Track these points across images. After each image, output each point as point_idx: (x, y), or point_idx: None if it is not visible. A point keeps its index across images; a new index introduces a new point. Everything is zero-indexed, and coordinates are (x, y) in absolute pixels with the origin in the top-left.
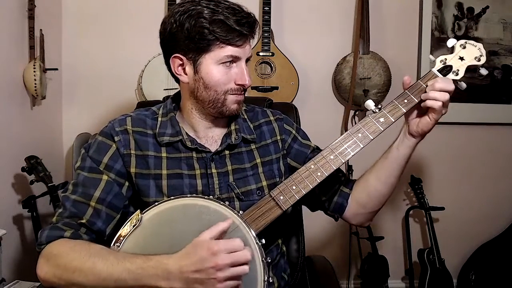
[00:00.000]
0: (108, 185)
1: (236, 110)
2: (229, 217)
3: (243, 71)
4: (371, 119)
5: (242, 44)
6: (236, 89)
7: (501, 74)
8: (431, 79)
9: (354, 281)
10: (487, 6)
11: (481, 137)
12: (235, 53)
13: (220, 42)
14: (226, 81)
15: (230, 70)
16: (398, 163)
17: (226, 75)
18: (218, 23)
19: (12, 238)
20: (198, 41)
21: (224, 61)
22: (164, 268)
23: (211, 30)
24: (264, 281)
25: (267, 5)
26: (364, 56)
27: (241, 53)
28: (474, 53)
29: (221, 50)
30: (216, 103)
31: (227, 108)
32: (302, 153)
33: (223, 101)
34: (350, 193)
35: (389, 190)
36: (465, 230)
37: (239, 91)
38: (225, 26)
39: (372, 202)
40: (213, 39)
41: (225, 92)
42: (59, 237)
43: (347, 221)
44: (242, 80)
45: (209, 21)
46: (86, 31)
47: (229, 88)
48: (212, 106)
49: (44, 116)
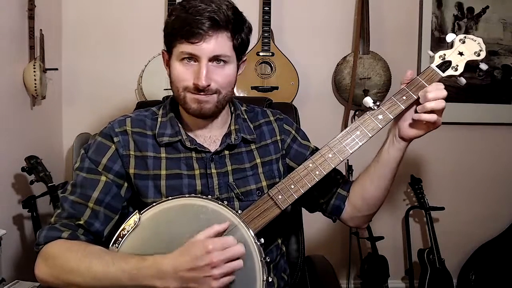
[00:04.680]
0: (107, 186)
1: (198, 110)
2: (228, 217)
3: (200, 70)
4: (369, 117)
5: (197, 41)
6: (192, 88)
7: (501, 74)
8: (430, 75)
9: (354, 281)
10: (487, 6)
11: (481, 137)
12: (190, 50)
13: (179, 37)
14: (184, 78)
15: (190, 68)
16: (389, 166)
17: (184, 72)
18: (179, 19)
19: (12, 238)
20: (167, 37)
21: (182, 57)
22: (159, 268)
23: (173, 26)
24: (263, 281)
25: (267, 5)
26: (364, 56)
27: (197, 51)
28: (473, 47)
29: (179, 46)
30: (179, 100)
31: (188, 106)
32: (301, 154)
33: (183, 98)
34: (347, 195)
35: (382, 193)
36: (465, 230)
37: (196, 91)
38: (183, 23)
39: (367, 205)
40: (174, 35)
41: (183, 89)
42: (56, 238)
43: (344, 223)
44: (196, 79)
45: (175, 18)
46: (86, 31)
47: (186, 85)
48: (179, 102)
49: (44, 116)
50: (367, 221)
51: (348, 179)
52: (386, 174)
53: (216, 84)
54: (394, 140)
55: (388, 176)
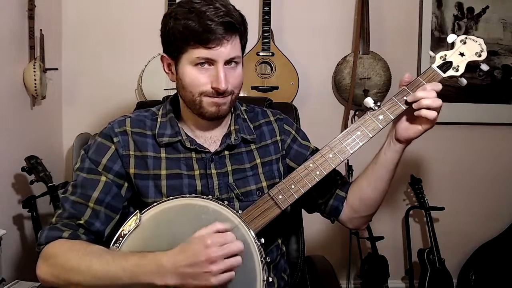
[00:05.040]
0: (107, 186)
1: (216, 113)
2: (228, 217)
3: (219, 74)
4: (370, 117)
5: (215, 46)
6: (211, 92)
7: (501, 74)
8: (431, 76)
9: (354, 281)
10: (487, 6)
11: (481, 137)
12: (207, 55)
13: (192, 43)
14: (201, 83)
15: (206, 72)
16: (386, 168)
17: (200, 76)
18: (191, 24)
19: (12, 238)
20: (175, 42)
21: (197, 62)
22: (158, 265)
23: (184, 31)
24: (263, 281)
25: (267, 5)
26: (364, 56)
27: (214, 55)
28: (474, 48)
29: (193, 51)
30: (193, 104)
31: (205, 110)
32: (301, 154)
33: (199, 102)
34: (346, 196)
35: (380, 195)
36: (465, 230)
37: (215, 95)
38: (198, 27)
39: (364, 207)
40: (186, 40)
41: (200, 94)
42: (57, 238)
43: (343, 225)
44: (216, 83)
45: (184, 22)
46: (86, 31)
47: (204, 90)
48: (192, 107)
49: (44, 116)
50: (365, 223)
51: (347, 180)
52: (383, 175)
53: (232, 85)
54: (391, 142)
55: (385, 177)
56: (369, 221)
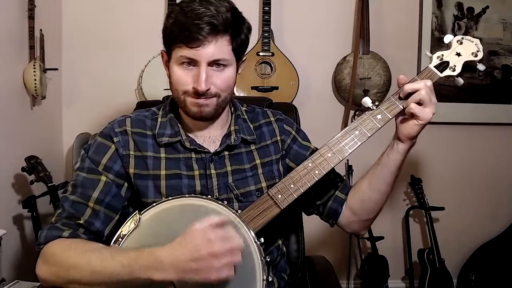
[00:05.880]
0: (107, 186)
1: (198, 113)
2: (228, 217)
3: (200, 74)
4: (368, 116)
5: (196, 46)
6: (192, 92)
7: (501, 74)
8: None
9: (354, 281)
10: (487, 6)
11: (481, 137)
12: (189, 55)
13: (178, 42)
14: (184, 83)
15: (190, 72)
16: (389, 169)
17: (184, 76)
18: (178, 23)
19: (12, 238)
20: (166, 39)
21: (181, 61)
22: (157, 260)
23: (172, 30)
24: (263, 280)
25: (267, 5)
26: (364, 56)
27: (196, 56)
28: (471, 48)
29: (178, 50)
30: (179, 102)
31: (188, 109)
32: (301, 155)
33: (183, 101)
34: (346, 199)
35: (382, 197)
36: (465, 230)
37: (195, 95)
38: (182, 27)
39: (365, 209)
40: (173, 39)
41: (183, 93)
42: (57, 237)
43: (342, 228)
44: (196, 84)
45: (173, 21)
46: (86, 31)
47: (186, 89)
48: (179, 105)
49: (44, 116)
50: (365, 228)
51: (348, 183)
52: (385, 176)
53: (216, 87)
54: (394, 143)
55: (387, 179)
56: (369, 226)
